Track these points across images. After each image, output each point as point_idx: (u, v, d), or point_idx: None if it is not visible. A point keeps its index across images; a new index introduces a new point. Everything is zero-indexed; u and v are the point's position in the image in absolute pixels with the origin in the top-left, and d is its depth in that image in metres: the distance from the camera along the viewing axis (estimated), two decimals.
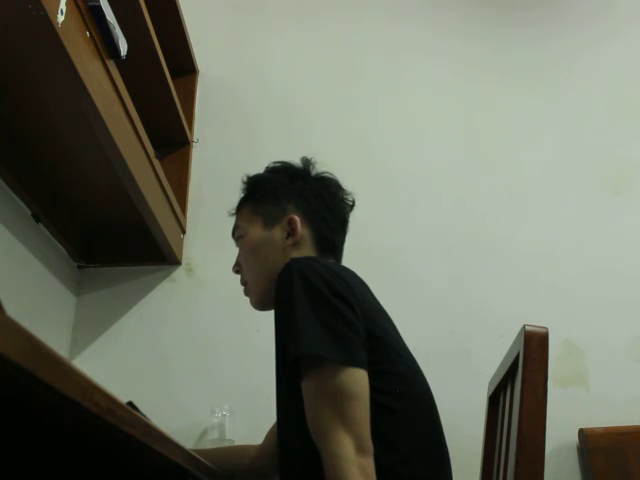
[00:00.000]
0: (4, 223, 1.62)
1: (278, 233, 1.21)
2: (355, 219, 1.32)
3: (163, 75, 1.93)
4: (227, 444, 1.77)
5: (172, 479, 0.91)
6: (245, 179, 1.32)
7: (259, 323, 1.89)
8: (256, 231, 1.23)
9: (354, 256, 1.35)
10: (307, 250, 1.20)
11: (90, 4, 1.28)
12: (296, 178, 1.27)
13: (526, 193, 2.21)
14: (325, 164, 1.31)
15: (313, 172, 1.30)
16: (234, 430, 1.82)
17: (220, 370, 1.96)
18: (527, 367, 1.01)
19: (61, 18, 1.16)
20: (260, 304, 1.25)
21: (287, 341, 0.99)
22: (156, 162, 1.79)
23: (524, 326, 1.04)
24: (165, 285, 2.08)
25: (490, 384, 1.39)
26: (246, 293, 1.28)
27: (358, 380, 0.95)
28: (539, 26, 2.47)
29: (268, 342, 1.18)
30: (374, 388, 0.97)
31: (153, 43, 1.81)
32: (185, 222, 2.13)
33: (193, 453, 0.91)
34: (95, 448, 0.70)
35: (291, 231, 1.20)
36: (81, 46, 1.26)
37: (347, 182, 1.32)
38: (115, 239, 2.04)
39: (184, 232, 2.12)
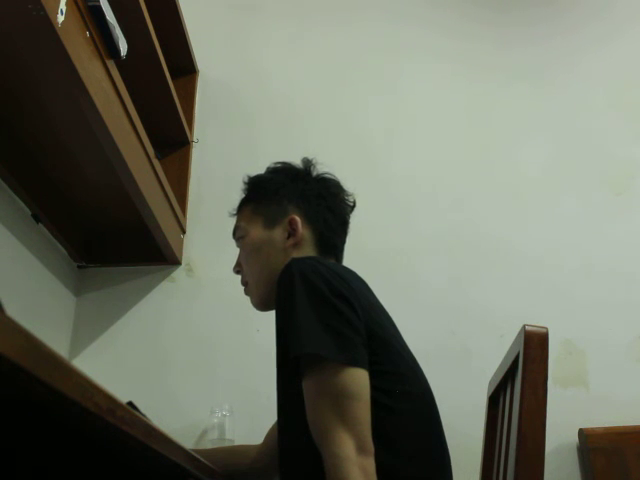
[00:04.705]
0: (4, 223, 1.62)
1: (279, 233, 1.21)
2: (355, 220, 1.32)
3: (163, 75, 1.93)
4: (227, 444, 1.77)
5: (172, 479, 0.91)
6: (246, 179, 1.33)
7: (259, 323, 1.89)
8: (257, 231, 1.23)
9: (354, 257, 1.35)
10: (308, 250, 1.20)
11: (90, 4, 1.28)
12: (297, 178, 1.27)
13: (526, 193, 2.21)
14: (325, 164, 1.31)
15: (314, 173, 1.30)
16: (234, 430, 1.82)
17: (220, 370, 1.96)
18: (527, 367, 1.01)
19: (61, 18, 1.16)
20: (261, 304, 1.25)
21: (288, 341, 0.99)
22: (156, 162, 1.79)
23: (524, 326, 1.04)
24: (165, 285, 2.08)
25: (490, 384, 1.39)
26: (247, 293, 1.28)
27: (359, 380, 0.95)
28: (539, 26, 2.47)
29: (268, 342, 1.18)
30: (374, 388, 0.97)
31: (153, 43, 1.81)
32: (185, 222, 2.13)
33: (193, 453, 0.91)
34: (95, 448, 0.70)
35: (292, 231, 1.21)
36: (81, 46, 1.26)
37: (347, 182, 1.32)
38: (115, 239, 2.04)
39: (184, 232, 2.12)
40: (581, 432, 1.85)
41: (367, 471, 0.90)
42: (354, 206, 1.31)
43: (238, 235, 1.28)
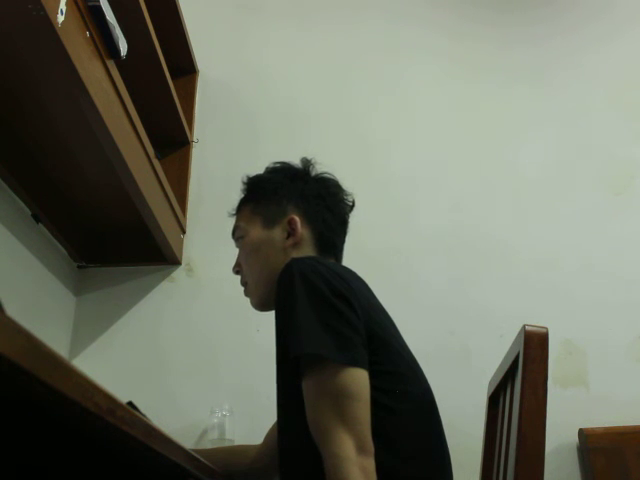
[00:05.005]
0: (4, 223, 1.62)
1: (278, 233, 1.21)
2: (355, 219, 1.32)
3: (163, 75, 1.93)
4: (227, 444, 1.77)
5: (172, 479, 0.91)
6: (245, 179, 1.33)
7: (259, 323, 1.89)
8: (256, 231, 1.23)
9: (354, 257, 1.35)
10: (307, 250, 1.20)
11: (90, 4, 1.28)
12: (296, 178, 1.27)
13: (526, 193, 2.21)
14: (324, 164, 1.31)
15: (313, 172, 1.30)
16: (234, 430, 1.82)
17: (220, 370, 1.96)
18: (527, 367, 1.01)
19: (61, 18, 1.16)
20: (260, 304, 1.25)
21: (288, 341, 0.99)
22: (156, 162, 1.79)
23: (524, 326, 1.04)
24: (165, 285, 2.08)
25: (490, 384, 1.39)
26: (246, 293, 1.28)
27: (359, 380, 0.95)
28: (539, 26, 2.47)
29: (268, 342, 1.18)
30: (374, 388, 0.97)
31: (153, 43, 1.81)
32: (185, 222, 2.13)
33: (193, 453, 0.91)
34: (95, 448, 0.70)
35: (291, 231, 1.21)
36: (81, 46, 1.26)
37: (346, 182, 1.32)
38: (115, 239, 2.04)
39: (184, 232, 2.12)
40: (581, 432, 1.85)
41: (367, 471, 0.90)
42: (353, 206, 1.31)
43: (237, 235, 1.28)
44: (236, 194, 1.32)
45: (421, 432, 1.04)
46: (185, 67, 2.32)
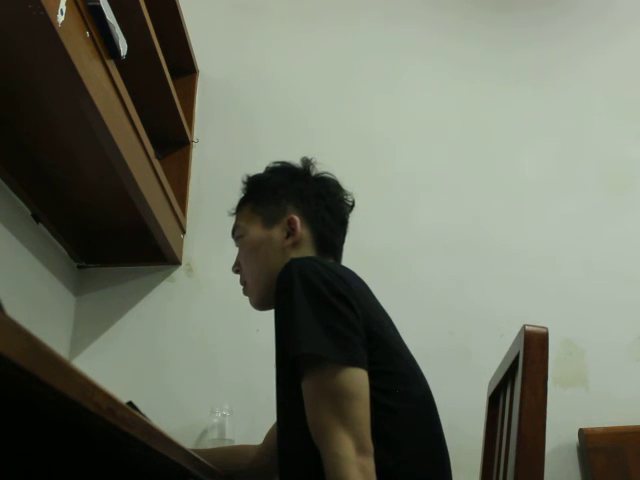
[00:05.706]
0: (4, 223, 1.62)
1: (278, 233, 1.21)
2: (355, 219, 1.32)
3: (163, 75, 1.93)
4: (227, 444, 1.77)
5: (172, 479, 0.91)
6: (245, 179, 1.33)
7: (259, 323, 1.89)
8: (256, 231, 1.24)
9: (354, 256, 1.35)
10: (307, 250, 1.20)
11: (90, 4, 1.28)
12: (296, 178, 1.28)
13: (526, 193, 2.21)
14: (325, 164, 1.31)
15: (313, 172, 1.30)
16: (234, 430, 1.82)
17: (220, 370, 1.96)
18: (527, 367, 1.01)
19: (61, 18, 1.16)
20: (259, 304, 1.25)
21: (287, 341, 0.99)
22: (156, 162, 1.79)
23: (524, 326, 1.04)
24: (165, 285, 2.08)
25: (490, 384, 1.39)
26: (245, 293, 1.28)
27: (358, 380, 0.95)
28: (539, 27, 2.47)
29: (268, 342, 1.18)
30: (374, 388, 0.97)
31: (153, 43, 1.80)
32: (185, 222, 2.13)
33: (193, 453, 0.91)
34: (95, 448, 0.70)
35: (291, 231, 1.21)
36: (81, 46, 1.26)
37: (347, 182, 1.33)
38: (115, 239, 2.04)
39: (184, 232, 2.12)
40: (581, 432, 1.85)
41: (366, 471, 0.90)
42: (353, 205, 1.31)
43: (237, 234, 1.28)
44: (236, 194, 1.32)
45: (421, 432, 1.04)
46: (185, 67, 2.31)
